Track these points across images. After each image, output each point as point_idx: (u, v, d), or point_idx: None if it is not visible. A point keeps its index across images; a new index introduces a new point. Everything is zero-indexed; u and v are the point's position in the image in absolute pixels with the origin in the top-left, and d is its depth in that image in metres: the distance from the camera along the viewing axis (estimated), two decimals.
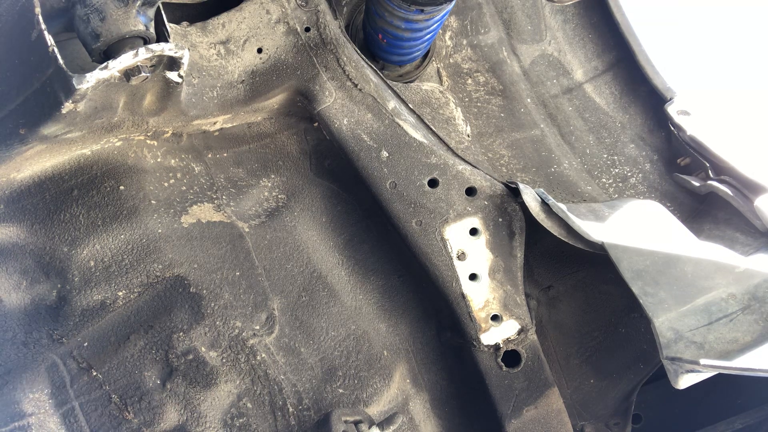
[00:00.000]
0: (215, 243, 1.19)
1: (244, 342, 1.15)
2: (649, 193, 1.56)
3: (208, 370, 1.12)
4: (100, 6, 0.84)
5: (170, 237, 1.16)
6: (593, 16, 1.64)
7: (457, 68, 1.55)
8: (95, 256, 1.13)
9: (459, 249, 1.19)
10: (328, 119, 1.21)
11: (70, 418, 1.07)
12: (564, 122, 1.61)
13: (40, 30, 0.80)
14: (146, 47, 0.86)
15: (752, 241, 1.37)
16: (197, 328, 1.14)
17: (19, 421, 1.06)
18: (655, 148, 1.60)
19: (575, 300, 1.31)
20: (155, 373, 1.11)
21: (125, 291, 1.14)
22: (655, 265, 1.09)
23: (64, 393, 1.08)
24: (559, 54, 1.66)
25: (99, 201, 1.13)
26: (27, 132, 0.94)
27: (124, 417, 1.08)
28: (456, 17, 1.60)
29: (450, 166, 1.21)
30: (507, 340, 1.19)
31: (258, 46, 1.19)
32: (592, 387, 1.32)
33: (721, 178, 1.44)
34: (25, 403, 1.06)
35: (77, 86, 0.83)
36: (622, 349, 1.29)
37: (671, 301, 1.03)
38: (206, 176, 1.23)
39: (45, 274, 1.12)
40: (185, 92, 1.09)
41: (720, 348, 0.97)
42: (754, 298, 1.04)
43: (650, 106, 1.61)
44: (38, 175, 1.10)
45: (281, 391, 1.15)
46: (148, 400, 1.09)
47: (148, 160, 1.18)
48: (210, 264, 1.18)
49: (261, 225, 1.24)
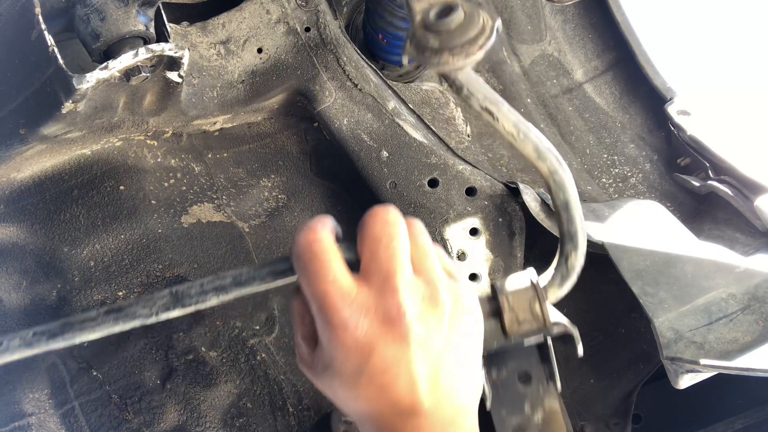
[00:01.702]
0: (215, 243, 1.19)
1: (244, 342, 1.15)
2: (649, 193, 1.56)
3: (208, 370, 1.12)
4: (100, 6, 0.84)
5: (170, 237, 1.16)
6: (593, 16, 1.64)
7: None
8: (95, 256, 1.13)
9: (459, 249, 1.19)
10: (328, 119, 1.21)
11: (70, 418, 1.07)
12: (564, 122, 1.61)
13: (40, 30, 0.80)
14: (146, 47, 0.86)
15: (752, 241, 1.37)
16: (197, 328, 1.14)
17: (19, 421, 1.06)
18: (655, 148, 1.60)
19: (575, 300, 1.31)
20: (155, 373, 1.11)
21: (125, 291, 1.14)
22: (655, 265, 1.09)
23: (64, 393, 1.08)
24: (559, 54, 1.66)
25: (99, 201, 1.13)
26: (27, 132, 0.94)
27: (124, 417, 1.08)
28: None
29: (450, 166, 1.21)
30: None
31: (258, 46, 1.19)
32: (592, 387, 1.32)
33: (721, 178, 1.43)
34: (25, 403, 1.07)
35: (77, 86, 0.83)
36: (622, 349, 1.29)
37: (671, 301, 1.03)
38: (206, 176, 1.23)
39: (45, 274, 1.12)
40: (185, 92, 1.09)
41: (720, 348, 0.97)
42: (754, 298, 1.04)
43: (650, 106, 1.61)
44: (38, 175, 1.10)
45: (281, 391, 1.15)
46: (148, 400, 1.09)
47: (148, 160, 1.18)
48: (210, 264, 1.18)
49: (261, 225, 1.24)
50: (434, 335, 0.63)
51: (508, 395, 0.92)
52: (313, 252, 0.62)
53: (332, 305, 0.61)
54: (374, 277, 0.62)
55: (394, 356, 0.61)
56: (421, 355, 0.62)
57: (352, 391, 0.63)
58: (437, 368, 0.63)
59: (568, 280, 0.74)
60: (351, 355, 0.61)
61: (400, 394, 0.62)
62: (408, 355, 0.61)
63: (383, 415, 0.64)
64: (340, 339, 0.61)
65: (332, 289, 0.61)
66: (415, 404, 0.62)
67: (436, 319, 0.63)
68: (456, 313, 0.65)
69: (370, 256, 0.63)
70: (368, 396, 0.63)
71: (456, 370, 0.65)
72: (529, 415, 0.92)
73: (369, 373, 0.61)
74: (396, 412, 0.63)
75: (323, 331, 0.62)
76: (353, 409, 0.66)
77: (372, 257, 0.63)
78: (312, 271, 0.62)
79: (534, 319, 0.72)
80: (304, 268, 0.63)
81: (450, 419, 0.64)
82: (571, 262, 0.74)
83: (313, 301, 0.62)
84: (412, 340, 0.61)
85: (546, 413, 0.92)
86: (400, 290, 0.61)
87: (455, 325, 0.65)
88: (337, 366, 0.62)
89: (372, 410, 0.64)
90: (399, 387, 0.62)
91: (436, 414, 0.63)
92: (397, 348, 0.61)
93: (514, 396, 0.92)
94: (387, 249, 0.63)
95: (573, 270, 0.74)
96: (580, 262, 0.74)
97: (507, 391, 0.92)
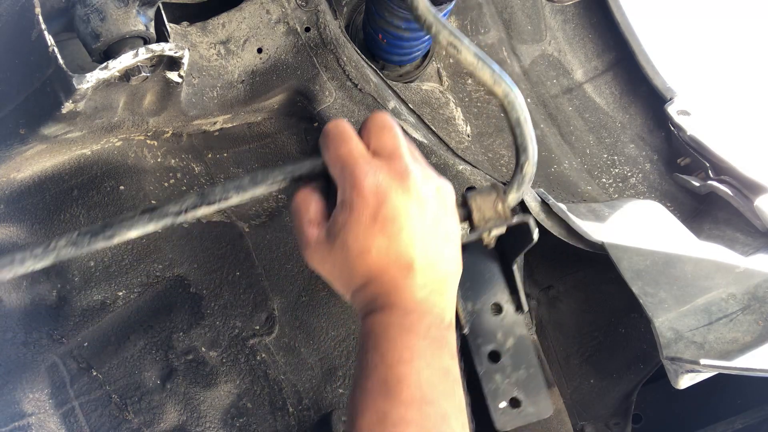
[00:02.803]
0: (215, 243, 1.19)
1: (244, 342, 1.15)
2: (649, 193, 1.56)
3: (208, 370, 1.12)
4: (100, 6, 0.83)
5: (170, 237, 1.16)
6: (593, 16, 1.64)
7: (457, 68, 1.55)
8: (95, 256, 1.13)
9: None
10: (328, 119, 1.21)
11: (70, 418, 1.07)
12: (564, 122, 1.61)
13: (40, 30, 0.80)
14: (146, 47, 0.86)
15: (752, 241, 1.37)
16: (197, 328, 1.14)
17: (19, 421, 1.06)
18: (655, 148, 1.60)
19: (575, 300, 1.31)
20: (155, 373, 1.11)
21: (125, 291, 1.14)
22: (655, 265, 1.09)
23: (64, 393, 1.08)
24: (559, 54, 1.66)
25: (99, 201, 1.13)
26: (27, 132, 0.94)
27: (124, 417, 1.08)
28: (456, 17, 1.59)
29: (450, 166, 1.21)
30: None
31: (258, 46, 1.19)
32: (592, 387, 1.32)
33: (721, 178, 1.43)
34: (25, 403, 1.06)
35: (77, 86, 0.83)
36: (622, 349, 1.29)
37: (671, 301, 1.03)
38: (206, 176, 1.23)
39: (45, 274, 1.12)
40: (185, 92, 1.09)
41: (720, 348, 0.97)
42: (754, 298, 1.04)
43: (650, 106, 1.61)
44: (38, 175, 1.10)
45: (281, 391, 1.15)
46: (148, 400, 1.09)
47: (148, 160, 1.18)
48: (210, 264, 1.18)
49: (261, 225, 1.24)
50: (428, 202, 0.75)
51: (483, 325, 1.06)
52: (340, 128, 0.77)
53: (356, 160, 0.74)
54: (383, 152, 0.76)
55: (402, 205, 0.73)
56: (419, 212, 0.74)
57: (367, 240, 0.73)
58: (428, 232, 0.75)
59: (524, 185, 0.87)
60: (370, 200, 0.72)
61: (402, 247, 0.73)
62: (411, 207, 0.73)
63: (389, 270, 0.74)
64: (363, 186, 0.72)
65: (356, 150, 0.75)
66: (412, 261, 0.74)
67: (431, 191, 0.76)
68: (441, 195, 0.78)
69: (378, 139, 0.77)
70: (379, 247, 0.73)
71: (441, 242, 0.77)
72: (502, 342, 1.06)
73: (382, 219, 0.72)
74: (398, 266, 0.74)
75: (345, 184, 0.74)
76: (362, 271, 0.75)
77: (379, 140, 0.77)
78: (339, 139, 0.76)
79: (497, 216, 0.85)
80: (332, 138, 0.77)
81: (437, 281, 0.76)
82: (525, 170, 0.87)
83: (338, 161, 0.75)
84: (414, 194, 0.74)
85: (517, 340, 1.06)
86: (406, 157, 0.76)
87: (442, 205, 0.78)
88: (356, 214, 0.73)
89: (380, 266, 0.74)
90: (402, 239, 0.73)
91: (426, 274, 0.75)
92: (404, 198, 0.73)
93: (488, 326, 1.07)
94: (391, 133, 0.77)
95: (527, 175, 0.87)
96: (533, 169, 0.87)
97: (481, 322, 1.06)
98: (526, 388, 1.05)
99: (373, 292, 0.75)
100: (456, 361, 0.75)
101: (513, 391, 1.04)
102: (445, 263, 0.77)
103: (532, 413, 1.05)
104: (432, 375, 0.70)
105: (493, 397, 1.04)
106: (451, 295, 0.78)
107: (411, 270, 0.74)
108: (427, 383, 0.69)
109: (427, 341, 0.72)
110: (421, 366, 0.70)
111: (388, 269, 0.74)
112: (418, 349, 0.71)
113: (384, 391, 0.68)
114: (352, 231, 0.73)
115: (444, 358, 0.73)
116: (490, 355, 1.06)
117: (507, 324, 1.07)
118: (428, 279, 0.75)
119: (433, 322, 0.74)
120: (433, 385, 0.70)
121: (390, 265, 0.74)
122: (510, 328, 1.06)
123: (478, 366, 1.05)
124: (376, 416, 0.67)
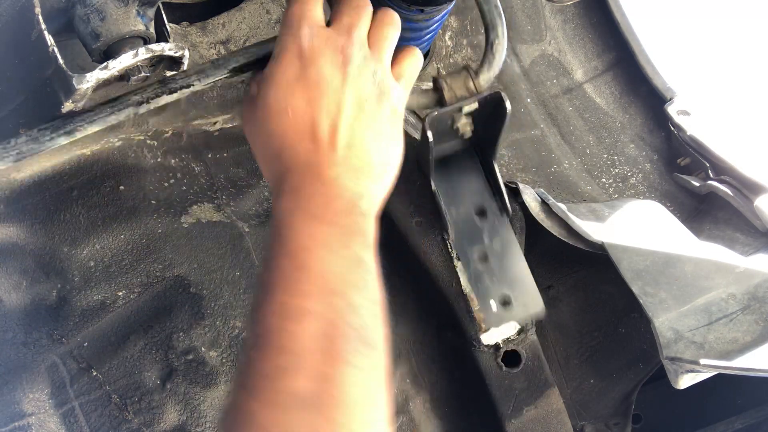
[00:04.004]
0: (215, 243, 1.19)
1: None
2: (649, 193, 1.56)
3: (208, 370, 1.12)
4: (100, 6, 0.83)
5: (170, 237, 1.16)
6: (593, 16, 1.64)
7: (457, 68, 1.55)
8: (95, 256, 1.13)
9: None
10: None
11: (70, 418, 1.07)
12: (564, 122, 1.61)
13: (40, 30, 0.80)
14: (146, 47, 0.86)
15: (752, 241, 1.37)
16: (197, 328, 1.14)
17: (19, 421, 1.06)
18: (655, 148, 1.60)
19: (575, 300, 1.31)
20: (155, 373, 1.11)
21: (125, 291, 1.14)
22: (655, 265, 1.09)
23: (64, 393, 1.08)
24: (559, 54, 1.65)
25: (99, 201, 1.13)
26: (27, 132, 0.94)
27: (124, 417, 1.08)
28: (456, 17, 1.59)
29: None
30: (507, 340, 1.19)
31: None
32: (592, 387, 1.32)
33: (721, 178, 1.43)
34: (25, 403, 1.07)
35: (77, 86, 0.83)
36: (622, 349, 1.29)
37: (671, 301, 1.03)
38: (206, 176, 1.23)
39: (45, 274, 1.12)
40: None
41: (720, 348, 0.97)
42: (754, 298, 1.04)
43: (650, 106, 1.61)
44: (38, 175, 1.10)
45: None
46: (148, 400, 1.09)
47: (148, 160, 1.18)
48: (210, 264, 1.18)
49: (261, 225, 1.24)
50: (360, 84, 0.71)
51: (468, 229, 1.06)
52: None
53: (301, 20, 0.71)
54: (338, 24, 0.72)
55: (330, 74, 0.69)
56: (351, 95, 0.70)
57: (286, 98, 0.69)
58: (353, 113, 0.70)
59: (495, 63, 0.85)
60: (298, 59, 0.69)
61: (319, 115, 0.69)
62: (341, 84, 0.69)
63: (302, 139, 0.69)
64: (296, 43, 0.70)
65: (308, 12, 0.71)
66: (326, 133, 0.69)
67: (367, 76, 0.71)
68: (387, 94, 0.73)
69: (341, 11, 0.73)
70: (296, 108, 0.69)
71: (366, 128, 0.71)
72: (489, 244, 1.06)
73: (305, 79, 0.69)
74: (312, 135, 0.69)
75: (280, 38, 0.71)
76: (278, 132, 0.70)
77: (342, 13, 0.73)
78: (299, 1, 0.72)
79: (469, 93, 0.83)
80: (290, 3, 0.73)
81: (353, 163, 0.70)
82: (495, 48, 0.85)
83: (286, 19, 0.72)
84: (348, 75, 0.70)
85: (503, 241, 1.06)
86: (355, 37, 0.71)
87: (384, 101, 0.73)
88: (281, 68, 0.70)
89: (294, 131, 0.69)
90: (321, 106, 0.69)
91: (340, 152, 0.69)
92: (333, 69, 0.69)
93: (473, 229, 1.06)
94: (357, 11, 0.73)
95: (498, 54, 0.85)
96: (504, 47, 0.85)
97: (466, 226, 1.06)
98: (515, 289, 1.05)
99: (284, 165, 0.70)
100: (371, 251, 0.69)
101: (502, 289, 1.05)
102: (367, 150, 0.71)
103: (522, 310, 1.05)
104: (339, 264, 0.65)
105: (484, 299, 1.05)
106: (371, 184, 0.72)
107: (322, 142, 0.69)
108: (332, 273, 0.64)
109: (335, 228, 0.66)
110: (324, 254, 0.64)
111: (301, 138, 0.69)
112: (323, 237, 0.65)
113: (283, 282, 0.62)
114: (274, 84, 0.70)
115: (354, 247, 0.67)
116: (478, 257, 1.05)
117: (492, 226, 1.06)
118: (342, 158, 0.69)
119: (344, 207, 0.68)
120: (340, 275, 0.64)
121: (304, 133, 0.69)
122: (495, 230, 1.05)
123: (466, 268, 1.05)
124: (273, 308, 0.62)
